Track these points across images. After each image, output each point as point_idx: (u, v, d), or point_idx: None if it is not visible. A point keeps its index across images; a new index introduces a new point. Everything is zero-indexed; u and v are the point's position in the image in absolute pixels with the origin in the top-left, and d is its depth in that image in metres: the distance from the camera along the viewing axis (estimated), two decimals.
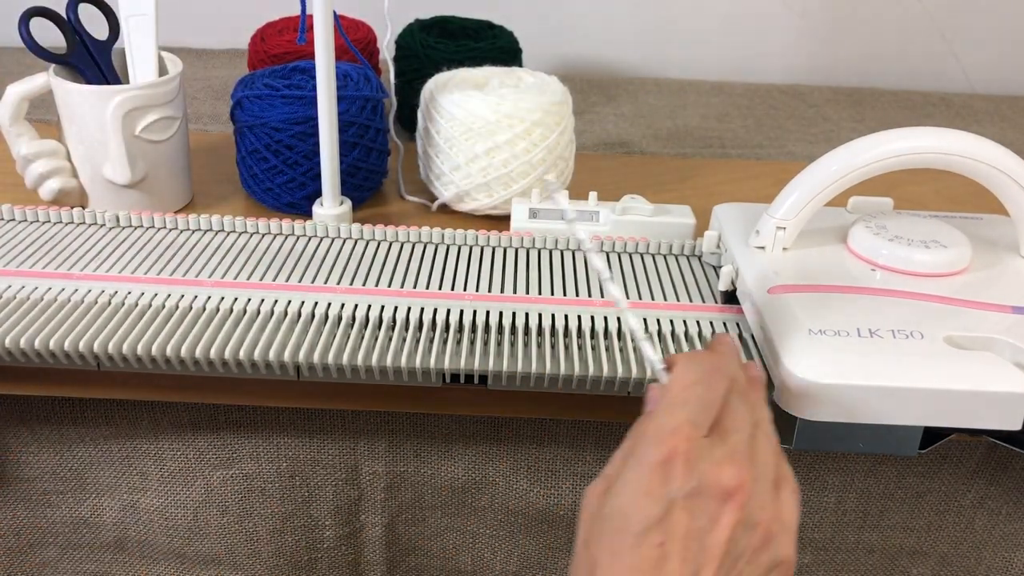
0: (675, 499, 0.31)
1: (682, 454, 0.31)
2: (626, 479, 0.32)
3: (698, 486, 0.31)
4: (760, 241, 0.51)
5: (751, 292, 0.48)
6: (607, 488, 0.33)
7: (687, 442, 0.32)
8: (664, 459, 0.31)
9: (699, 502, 0.31)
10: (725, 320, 0.50)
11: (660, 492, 0.31)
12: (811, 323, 0.44)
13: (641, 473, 0.32)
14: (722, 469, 0.31)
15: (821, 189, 0.49)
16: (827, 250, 0.51)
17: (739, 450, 0.32)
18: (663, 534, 0.30)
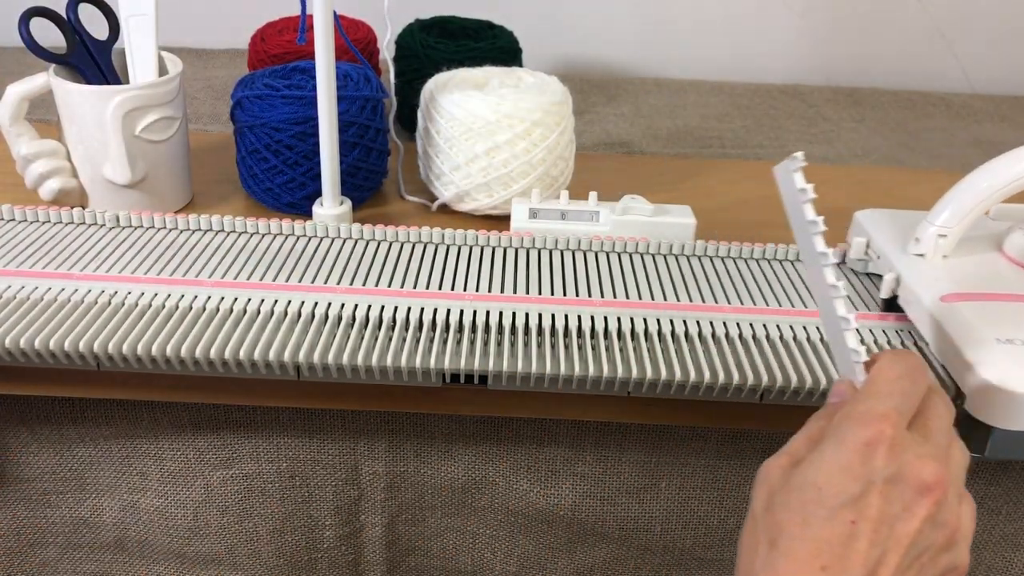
0: (874, 481, 0.31)
1: (888, 439, 0.32)
2: (824, 455, 0.32)
3: (898, 473, 0.32)
4: (920, 248, 0.51)
5: (920, 300, 0.48)
6: (793, 462, 0.33)
7: (893, 428, 0.32)
8: (869, 441, 0.32)
9: (896, 490, 0.31)
10: (890, 328, 0.50)
11: (860, 471, 0.31)
12: (995, 332, 0.44)
13: (843, 451, 0.32)
14: (924, 463, 0.32)
15: (986, 196, 0.49)
16: (983, 258, 0.52)
17: (940, 449, 0.33)
18: (857, 513, 0.31)
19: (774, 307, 0.51)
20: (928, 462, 0.32)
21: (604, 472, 0.57)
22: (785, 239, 0.58)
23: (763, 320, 0.49)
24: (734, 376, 0.45)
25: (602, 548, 0.60)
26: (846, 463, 0.32)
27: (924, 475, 0.32)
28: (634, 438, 0.56)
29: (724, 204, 0.69)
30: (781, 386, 0.45)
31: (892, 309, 0.51)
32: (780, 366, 0.46)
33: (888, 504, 0.31)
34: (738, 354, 0.47)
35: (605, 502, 0.58)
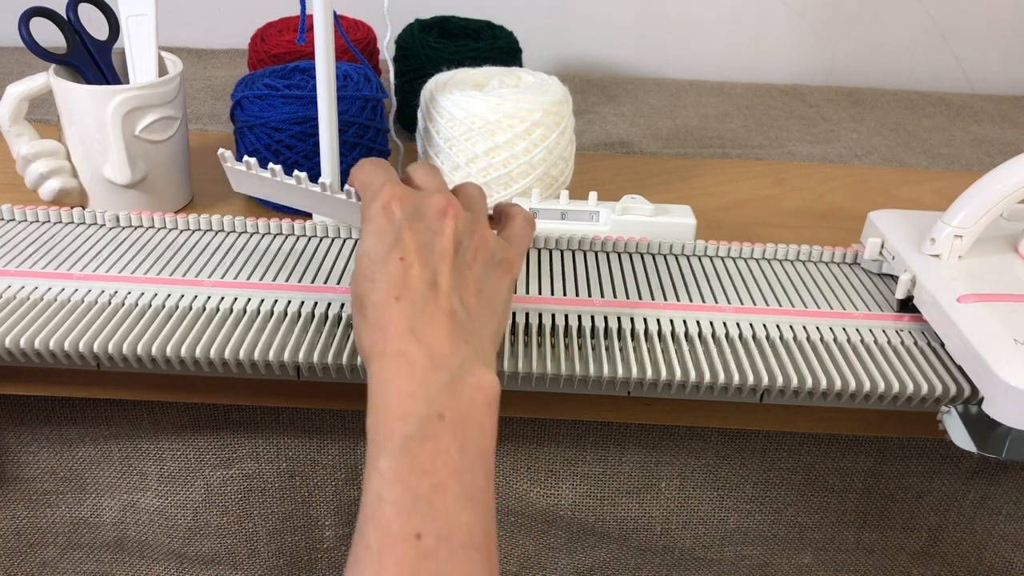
0: (401, 226, 0.39)
1: (396, 196, 0.40)
2: (363, 235, 0.40)
3: (415, 212, 0.39)
4: (936, 249, 0.51)
5: (937, 301, 0.48)
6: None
7: (393, 188, 0.40)
8: (383, 204, 0.40)
9: (421, 223, 0.39)
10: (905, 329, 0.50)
11: (388, 226, 0.39)
12: (1013, 333, 0.44)
13: (371, 222, 0.40)
14: (431, 198, 0.40)
15: (1003, 197, 0.49)
16: (998, 258, 0.52)
17: (438, 188, 0.42)
18: (400, 251, 0.38)
19: (774, 307, 0.51)
20: (434, 196, 0.40)
21: (604, 472, 0.57)
22: (785, 239, 0.59)
23: (763, 320, 0.49)
24: (734, 376, 0.45)
25: (602, 548, 0.60)
26: (377, 228, 0.39)
27: (435, 205, 0.40)
28: (634, 438, 0.56)
29: (724, 204, 0.69)
30: (781, 386, 0.45)
31: (907, 310, 0.51)
32: (780, 366, 0.46)
33: (419, 235, 0.39)
34: (738, 354, 0.47)
35: (605, 502, 0.58)
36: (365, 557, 0.32)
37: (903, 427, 0.50)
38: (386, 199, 0.40)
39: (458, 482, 0.33)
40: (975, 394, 0.44)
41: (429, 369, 0.35)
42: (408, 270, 0.37)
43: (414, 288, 0.37)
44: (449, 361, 0.36)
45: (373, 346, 0.37)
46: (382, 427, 0.35)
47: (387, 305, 0.37)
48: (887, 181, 0.76)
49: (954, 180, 0.77)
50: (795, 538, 0.60)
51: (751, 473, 0.57)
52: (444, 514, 0.32)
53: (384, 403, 0.35)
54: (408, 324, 0.36)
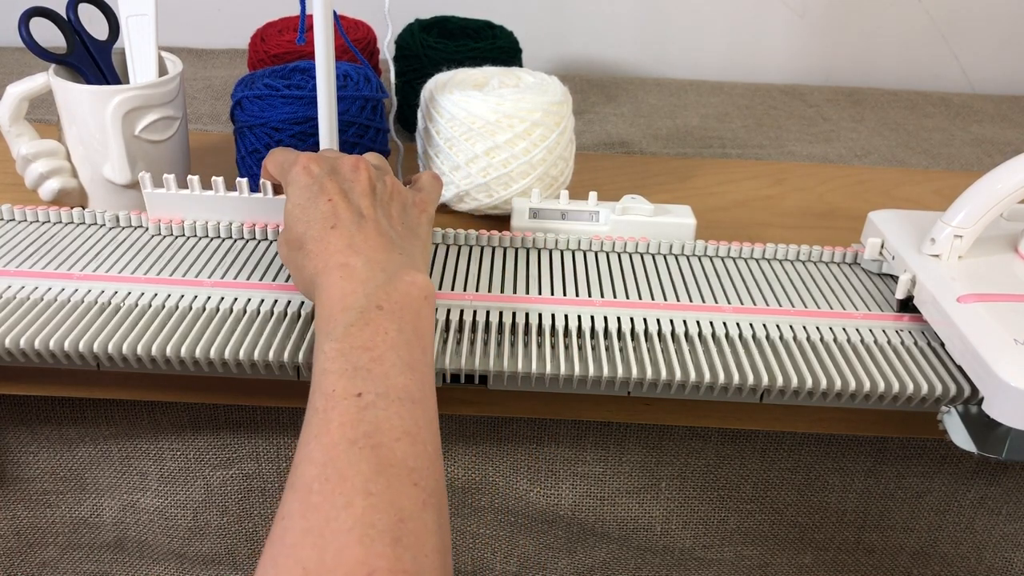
0: (322, 178, 0.44)
1: (312, 159, 0.46)
2: (289, 195, 0.45)
3: (332, 169, 0.45)
4: (936, 249, 0.51)
5: (937, 301, 0.48)
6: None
7: (308, 154, 0.46)
8: (303, 167, 0.45)
9: (338, 176, 0.45)
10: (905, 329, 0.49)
11: (310, 181, 0.44)
12: (1013, 333, 0.44)
13: (295, 184, 0.45)
14: (342, 158, 0.46)
15: (1003, 197, 0.49)
16: (998, 258, 0.52)
17: (344, 156, 0.47)
18: (326, 195, 0.43)
19: (774, 307, 0.51)
20: (345, 156, 0.47)
21: (604, 472, 0.57)
22: (785, 239, 0.59)
23: (763, 320, 0.49)
24: (734, 376, 0.45)
25: (602, 548, 0.60)
26: (300, 183, 0.45)
27: (348, 161, 0.46)
28: (634, 438, 0.56)
29: (724, 204, 0.69)
30: (781, 386, 0.45)
31: (907, 310, 0.51)
32: (780, 366, 0.46)
33: (339, 182, 0.44)
34: (738, 354, 0.47)
35: (605, 502, 0.58)
36: (312, 419, 0.35)
37: (903, 427, 0.50)
38: (304, 162, 0.46)
39: (395, 353, 0.37)
40: (975, 394, 0.44)
41: (367, 271, 0.40)
42: (336, 207, 0.43)
43: (345, 217, 0.42)
44: (385, 265, 0.40)
45: (316, 269, 0.41)
46: (326, 322, 0.38)
47: (324, 233, 0.42)
48: (887, 181, 0.76)
49: (954, 180, 0.77)
50: (795, 538, 0.60)
51: (751, 473, 0.57)
52: (382, 377, 0.36)
53: (328, 303, 0.39)
54: (346, 242, 0.41)
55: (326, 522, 0.31)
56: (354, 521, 0.31)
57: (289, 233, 0.44)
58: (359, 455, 0.33)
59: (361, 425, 0.34)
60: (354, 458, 0.33)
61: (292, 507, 0.32)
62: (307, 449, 0.34)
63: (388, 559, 0.30)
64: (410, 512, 0.32)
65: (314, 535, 0.31)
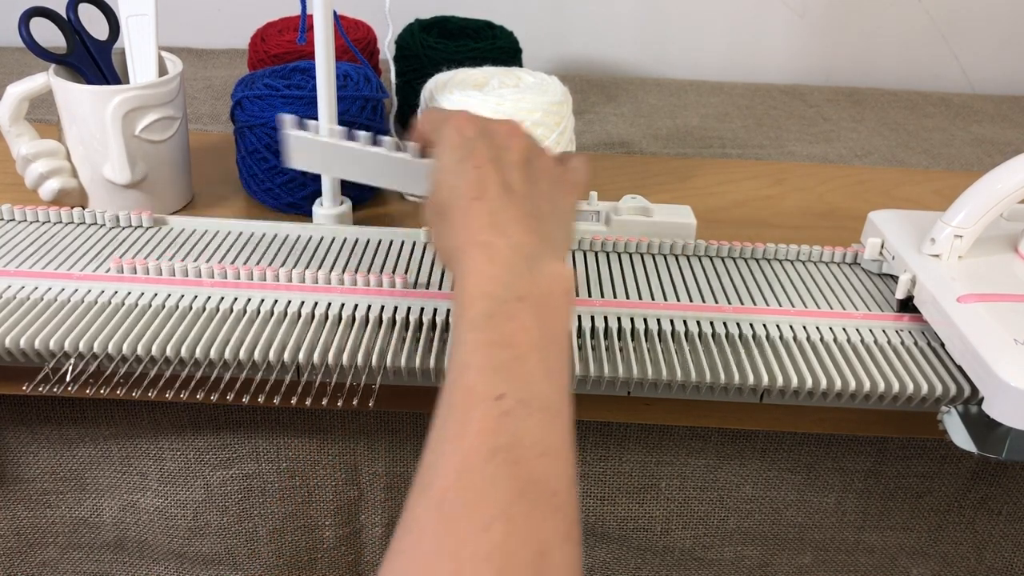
0: (473, 140, 0.41)
1: (466, 119, 0.43)
2: (438, 155, 0.42)
3: (485, 130, 0.42)
4: (936, 249, 0.51)
5: (937, 301, 0.48)
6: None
7: (462, 113, 0.44)
8: (455, 126, 0.42)
9: (491, 139, 0.42)
10: (905, 329, 0.49)
11: (461, 142, 0.41)
12: (1013, 333, 0.44)
13: (445, 143, 0.42)
14: (498, 121, 0.43)
15: (1003, 197, 0.49)
16: (998, 258, 0.52)
17: (506, 121, 0.44)
18: (475, 160, 0.40)
19: (774, 307, 0.51)
20: (503, 120, 0.43)
21: (604, 472, 0.57)
22: (785, 239, 0.59)
23: (763, 320, 0.49)
24: (734, 376, 0.45)
25: (602, 548, 0.60)
26: (451, 143, 0.42)
27: (503, 126, 0.43)
28: (634, 438, 0.56)
29: (724, 204, 0.69)
30: (781, 386, 0.45)
31: (907, 310, 0.51)
32: (780, 366, 0.46)
33: (491, 148, 0.41)
34: (738, 354, 0.47)
35: (605, 502, 0.58)
36: (449, 416, 0.33)
37: (903, 427, 0.50)
38: (457, 121, 0.43)
39: (537, 356, 0.34)
40: (975, 394, 0.44)
41: (510, 256, 0.37)
42: (484, 176, 0.40)
43: (491, 190, 0.39)
44: (529, 251, 0.38)
45: (456, 244, 0.39)
46: (467, 308, 0.36)
47: (468, 206, 0.39)
48: (887, 181, 0.76)
49: (954, 180, 0.77)
50: (795, 538, 0.60)
51: (751, 473, 0.57)
52: (524, 381, 0.33)
53: (468, 287, 0.37)
54: (489, 220, 0.38)
55: (462, 544, 0.29)
56: (492, 548, 0.28)
57: (435, 196, 0.42)
58: (498, 470, 0.30)
59: (501, 435, 0.31)
60: (492, 473, 0.30)
61: (425, 517, 0.30)
62: (442, 449, 0.32)
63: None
64: (552, 544, 0.29)
65: (448, 558, 0.28)
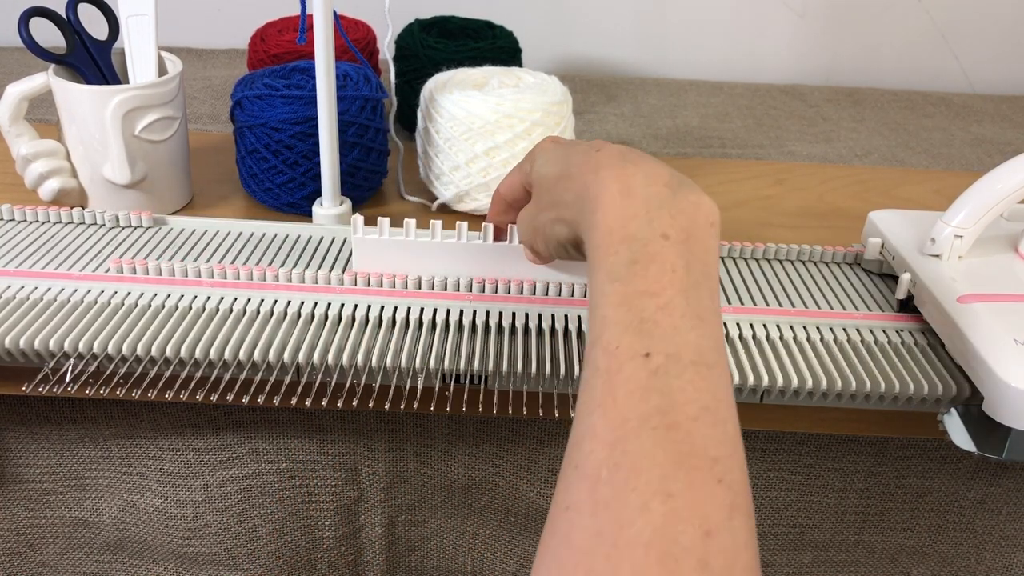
0: (570, 142, 0.42)
1: (555, 137, 0.44)
2: (537, 165, 0.43)
3: (580, 139, 0.43)
4: (936, 249, 0.51)
5: (937, 301, 0.48)
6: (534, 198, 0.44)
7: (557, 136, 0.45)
8: (548, 139, 0.43)
9: (585, 143, 0.41)
10: (905, 329, 0.49)
11: (557, 145, 0.43)
12: (1013, 333, 0.44)
13: (543, 152, 0.43)
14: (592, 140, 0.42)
15: (1003, 197, 0.49)
16: (998, 258, 0.52)
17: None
18: (584, 144, 0.40)
19: (774, 307, 0.51)
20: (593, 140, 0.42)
21: None
22: (785, 239, 0.59)
23: (763, 320, 0.49)
24: (734, 376, 0.45)
25: None
26: (549, 148, 0.43)
27: (597, 139, 0.42)
28: None
29: (724, 204, 0.69)
30: (781, 386, 0.45)
31: (907, 310, 0.51)
32: (780, 366, 0.46)
33: (593, 143, 0.40)
34: (738, 354, 0.47)
35: None
36: (594, 379, 0.31)
37: (903, 427, 0.50)
38: (550, 137, 0.44)
39: (684, 300, 0.32)
40: (975, 394, 0.44)
41: (648, 186, 0.35)
42: (596, 144, 0.40)
43: (609, 144, 0.39)
44: (668, 180, 0.36)
45: (584, 185, 0.37)
46: (608, 253, 0.34)
47: (590, 156, 0.38)
48: (887, 181, 0.76)
49: (954, 180, 0.77)
50: (795, 538, 0.60)
51: (751, 473, 0.57)
52: (671, 332, 0.31)
53: (606, 226, 0.35)
54: (619, 159, 0.37)
55: (620, 528, 0.27)
56: (652, 532, 0.26)
57: (543, 183, 0.41)
58: (652, 439, 0.29)
59: (652, 397, 0.29)
60: (647, 443, 0.29)
61: (579, 496, 0.29)
62: (590, 421, 0.30)
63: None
64: (717, 522, 0.27)
65: (606, 543, 0.27)
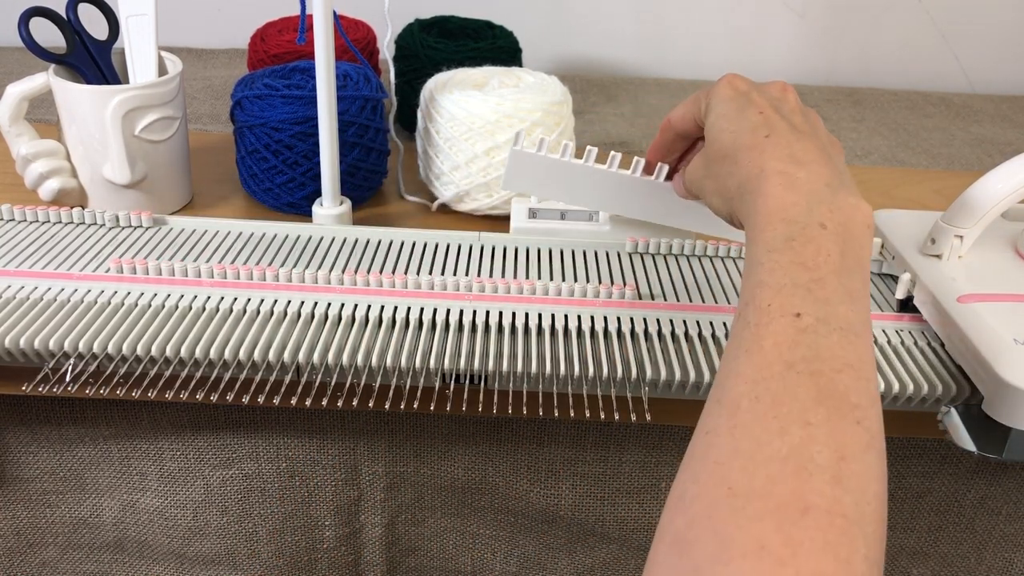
0: (748, 92, 0.42)
1: (736, 77, 0.44)
2: (713, 109, 0.43)
3: (758, 87, 0.43)
4: (936, 249, 0.51)
5: (937, 301, 0.48)
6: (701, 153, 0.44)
7: (734, 74, 0.44)
8: (727, 82, 0.43)
9: (767, 91, 0.43)
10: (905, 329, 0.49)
11: (736, 94, 0.42)
12: (1013, 333, 0.44)
13: (719, 97, 0.43)
14: (771, 82, 0.44)
15: (1003, 197, 0.50)
16: (999, 258, 0.52)
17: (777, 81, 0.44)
18: (755, 107, 0.41)
19: None
20: (771, 82, 0.44)
21: (604, 472, 0.57)
22: None
23: None
24: None
25: (602, 548, 0.60)
26: (726, 96, 0.42)
27: (775, 84, 0.44)
28: (634, 438, 0.56)
29: None
30: None
31: (907, 310, 0.51)
32: None
33: (768, 98, 0.42)
34: None
35: (605, 502, 0.58)
36: (743, 333, 0.33)
37: (903, 427, 0.50)
38: (728, 78, 0.43)
39: (837, 279, 0.33)
40: (975, 394, 0.44)
41: (810, 183, 0.36)
42: (768, 119, 0.40)
43: (780, 128, 0.39)
44: (829, 180, 0.37)
45: (748, 175, 0.38)
46: (763, 231, 0.36)
47: (758, 141, 0.39)
48: (887, 181, 0.76)
49: (954, 180, 0.77)
50: None
51: None
52: (823, 301, 0.33)
53: (766, 210, 0.36)
54: (786, 151, 0.38)
55: (758, 446, 0.29)
56: (790, 450, 0.28)
57: (713, 146, 0.42)
58: (796, 380, 0.30)
59: (798, 348, 0.31)
60: (790, 383, 0.30)
61: (718, 422, 0.30)
62: (735, 364, 0.32)
63: (827, 498, 0.27)
64: (852, 452, 0.28)
65: (744, 457, 0.28)
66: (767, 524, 0.26)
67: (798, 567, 0.25)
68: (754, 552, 0.26)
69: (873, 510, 0.28)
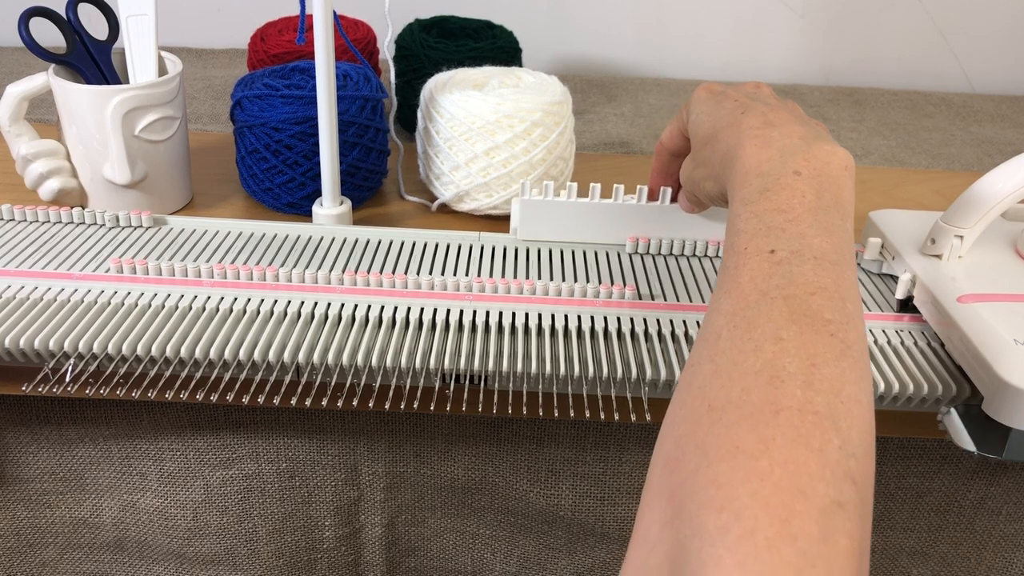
0: (725, 90, 0.46)
1: (711, 84, 0.47)
2: (692, 109, 0.46)
3: (735, 86, 0.46)
4: (936, 249, 0.51)
5: (937, 301, 0.48)
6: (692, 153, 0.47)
7: (709, 83, 0.48)
8: (703, 88, 0.47)
9: (741, 88, 0.46)
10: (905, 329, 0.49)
11: (711, 95, 0.46)
12: (1013, 333, 0.44)
13: (697, 99, 0.46)
14: (746, 83, 0.47)
15: (1004, 197, 0.49)
16: (998, 258, 0.52)
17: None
18: (731, 98, 0.44)
19: None
20: (746, 82, 0.47)
21: (604, 472, 0.57)
22: None
23: None
24: None
25: (602, 548, 0.60)
26: (701, 98, 0.46)
27: (751, 83, 0.47)
28: (634, 438, 0.56)
29: None
30: None
31: (907, 310, 0.51)
32: None
33: (743, 92, 0.45)
34: None
35: (605, 502, 0.58)
36: (723, 276, 0.35)
37: (903, 427, 0.50)
38: (703, 86, 0.47)
39: (812, 216, 0.35)
40: (975, 394, 0.44)
41: (784, 139, 0.39)
42: (745, 103, 0.43)
43: (754, 105, 0.42)
44: (804, 135, 0.39)
45: (728, 146, 0.41)
46: (740, 187, 0.38)
47: (736, 119, 0.42)
48: (887, 181, 0.76)
49: (954, 180, 0.77)
50: None
51: None
52: (797, 236, 0.35)
53: (743, 170, 0.39)
54: (761, 120, 0.41)
55: (733, 365, 0.31)
56: (763, 364, 0.30)
57: (697, 136, 0.45)
58: (770, 305, 0.32)
59: (773, 279, 0.33)
60: (764, 308, 0.32)
61: (700, 354, 0.33)
62: (716, 303, 0.34)
63: (798, 400, 0.29)
64: (824, 359, 0.30)
65: (721, 377, 0.31)
66: (742, 428, 0.28)
67: (771, 459, 0.27)
68: (730, 454, 0.28)
69: (848, 409, 0.29)
